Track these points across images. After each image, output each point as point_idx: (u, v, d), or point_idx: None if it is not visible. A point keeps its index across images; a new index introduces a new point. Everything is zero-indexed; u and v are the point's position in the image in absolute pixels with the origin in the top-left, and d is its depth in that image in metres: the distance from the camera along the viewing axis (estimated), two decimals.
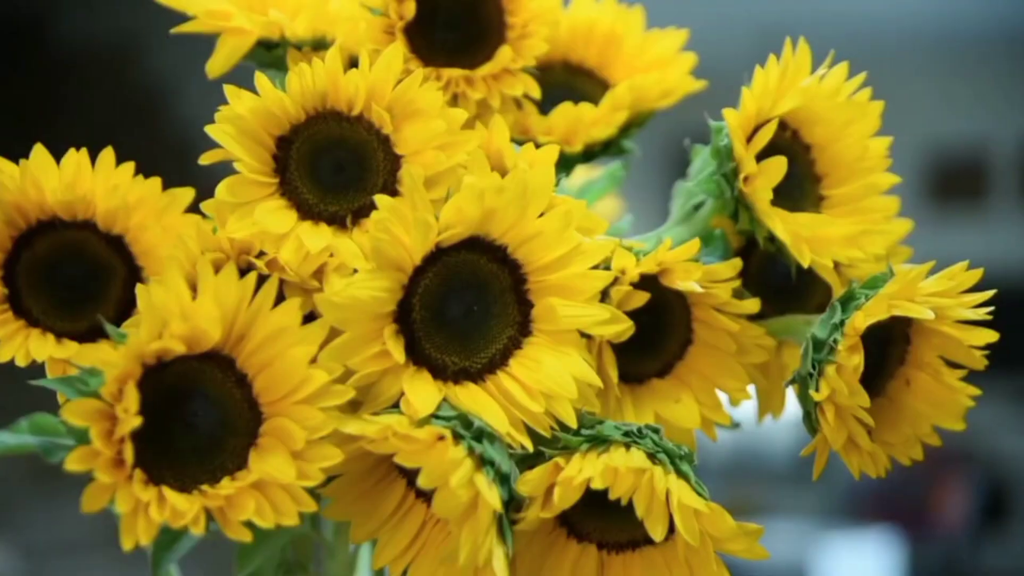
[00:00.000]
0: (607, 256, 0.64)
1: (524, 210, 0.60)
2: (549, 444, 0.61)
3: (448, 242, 0.60)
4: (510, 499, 0.59)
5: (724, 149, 0.68)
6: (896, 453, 0.66)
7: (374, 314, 0.59)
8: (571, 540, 0.63)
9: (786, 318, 0.71)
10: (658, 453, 0.60)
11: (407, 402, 0.59)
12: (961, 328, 0.64)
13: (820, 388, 0.63)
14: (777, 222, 0.66)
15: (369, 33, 0.68)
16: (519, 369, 0.61)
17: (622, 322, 0.62)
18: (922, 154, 7.16)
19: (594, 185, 0.80)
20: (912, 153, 7.05)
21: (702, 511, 0.59)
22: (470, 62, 0.69)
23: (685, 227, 0.71)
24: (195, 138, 0.63)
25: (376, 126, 0.63)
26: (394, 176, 0.63)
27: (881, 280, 0.64)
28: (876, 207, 0.70)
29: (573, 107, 0.73)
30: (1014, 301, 5.73)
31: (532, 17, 0.70)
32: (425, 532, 0.62)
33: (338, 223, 0.63)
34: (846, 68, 0.69)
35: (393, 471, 0.61)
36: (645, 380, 0.69)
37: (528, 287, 0.62)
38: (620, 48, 0.78)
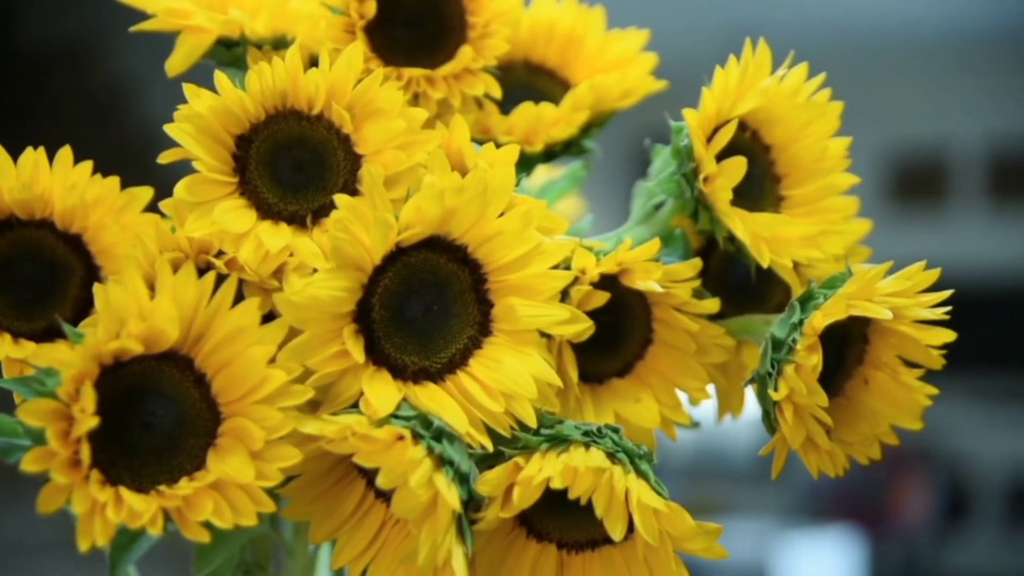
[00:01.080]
0: (567, 256, 0.64)
1: (484, 210, 0.60)
2: (509, 444, 0.61)
3: (408, 242, 0.60)
4: (469, 499, 0.59)
5: (684, 149, 0.68)
6: (854, 452, 0.67)
7: (333, 314, 0.59)
8: (531, 540, 0.63)
9: (745, 318, 0.71)
10: (618, 453, 0.60)
11: (366, 402, 0.59)
12: (919, 328, 0.64)
13: (779, 387, 0.63)
14: (737, 222, 0.66)
15: (329, 32, 0.67)
16: (479, 369, 0.61)
17: (582, 322, 0.62)
18: (883, 155, 7.20)
19: (555, 185, 0.80)
20: (873, 154, 7.09)
21: (661, 510, 0.59)
22: (431, 61, 0.69)
23: (645, 227, 0.71)
24: (158, 137, 0.63)
25: (336, 125, 0.63)
26: (354, 175, 0.63)
27: (840, 280, 0.65)
28: (835, 207, 0.71)
29: (534, 107, 0.73)
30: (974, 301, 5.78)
31: (493, 17, 0.70)
32: (384, 532, 0.61)
33: (298, 222, 0.63)
34: (805, 69, 0.69)
35: (353, 471, 0.61)
36: (605, 380, 0.69)
37: (488, 287, 0.62)
38: (581, 48, 0.78)
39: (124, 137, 4.31)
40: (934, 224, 7.17)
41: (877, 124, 6.91)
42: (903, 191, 7.29)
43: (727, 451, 6.45)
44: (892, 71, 7.19)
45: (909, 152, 7.29)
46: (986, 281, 6.90)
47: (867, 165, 7.01)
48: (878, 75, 7.10)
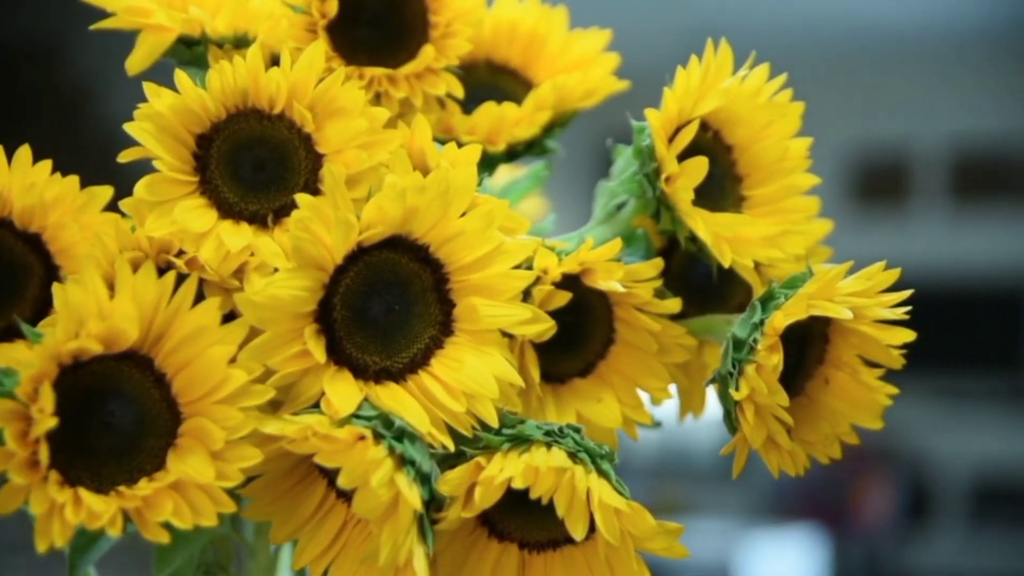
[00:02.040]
0: (529, 256, 0.64)
1: (446, 209, 0.60)
2: (470, 444, 0.61)
3: (369, 241, 0.60)
4: (431, 499, 0.59)
5: (646, 149, 0.68)
6: (815, 452, 0.67)
7: (294, 313, 0.59)
8: (492, 540, 0.63)
9: (707, 318, 0.71)
10: (579, 452, 0.60)
11: (327, 402, 0.59)
12: (879, 328, 0.65)
13: (740, 387, 0.63)
14: (698, 222, 0.66)
15: (291, 31, 0.67)
16: (441, 369, 0.61)
17: (544, 322, 0.62)
18: (845, 155, 7.24)
19: (517, 185, 0.80)
20: (835, 154, 7.12)
21: (623, 510, 0.59)
22: (393, 61, 0.69)
23: (607, 227, 0.71)
24: (123, 136, 0.63)
25: (297, 124, 0.63)
26: (316, 175, 0.63)
27: (800, 280, 0.65)
28: (796, 207, 0.71)
29: (496, 106, 0.73)
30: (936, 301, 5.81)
31: (455, 16, 0.70)
32: (346, 532, 0.61)
33: (259, 222, 0.63)
34: (767, 69, 0.69)
35: (314, 471, 0.61)
36: (567, 379, 0.69)
37: (450, 286, 0.62)
38: (543, 48, 0.78)
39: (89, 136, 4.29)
40: (896, 224, 7.21)
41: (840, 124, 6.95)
42: (865, 191, 7.33)
43: (691, 451, 6.47)
44: (855, 72, 7.23)
45: (871, 152, 7.33)
46: (948, 281, 6.94)
47: (830, 165, 7.05)
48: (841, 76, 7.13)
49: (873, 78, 7.27)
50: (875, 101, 7.32)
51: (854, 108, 7.23)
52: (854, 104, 7.24)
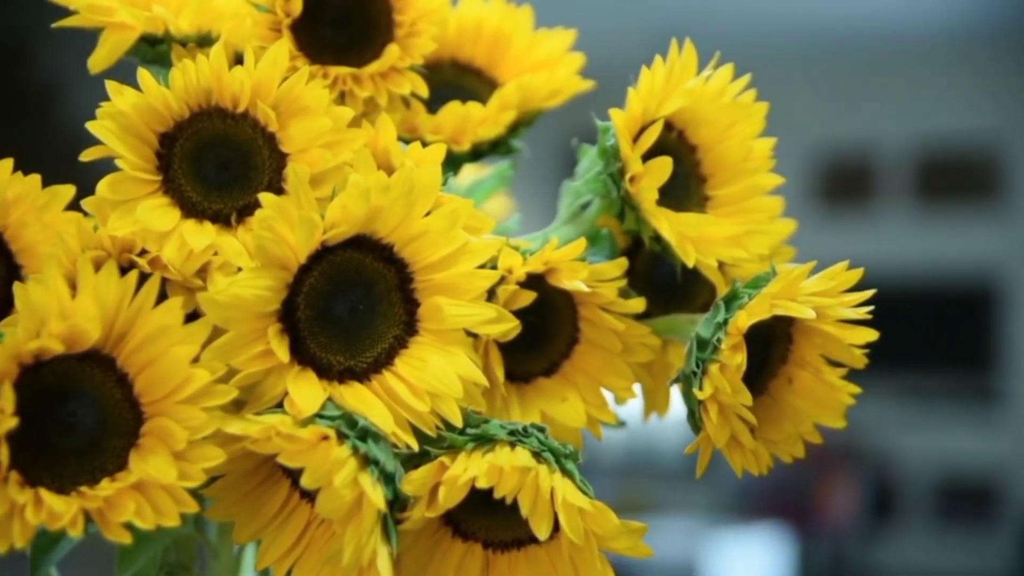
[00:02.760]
0: (494, 255, 0.64)
1: (410, 209, 0.60)
2: (435, 443, 0.61)
3: (333, 241, 0.60)
4: (395, 498, 0.59)
5: (611, 149, 0.68)
6: (778, 451, 0.67)
7: (258, 313, 0.58)
8: (456, 539, 0.63)
9: (671, 317, 0.71)
10: (543, 452, 0.60)
11: (291, 402, 0.58)
12: (842, 327, 0.65)
13: (704, 387, 0.63)
14: (662, 222, 0.67)
15: (255, 30, 0.67)
16: (405, 368, 0.61)
17: (508, 321, 0.62)
18: (811, 156, 7.27)
19: (482, 184, 0.80)
20: (801, 154, 7.15)
21: (586, 509, 0.59)
22: (357, 60, 0.69)
23: (572, 226, 0.71)
24: (87, 135, 0.62)
25: (261, 123, 0.63)
26: (279, 174, 0.63)
27: (764, 280, 0.65)
28: (760, 207, 0.71)
29: (461, 106, 0.73)
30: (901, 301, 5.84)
31: (420, 15, 0.70)
32: (309, 532, 0.61)
33: (222, 221, 0.63)
34: (731, 70, 0.69)
35: (277, 471, 0.61)
36: (531, 379, 0.69)
37: (414, 286, 0.62)
38: (508, 47, 0.78)
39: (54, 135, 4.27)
40: (862, 224, 7.25)
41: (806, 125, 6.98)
42: (831, 192, 7.36)
43: (657, 450, 6.48)
44: (821, 73, 7.26)
45: (837, 153, 7.36)
46: (914, 281, 6.98)
47: (795, 166, 7.08)
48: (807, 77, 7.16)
49: (838, 79, 7.31)
50: (840, 102, 7.36)
51: (820, 109, 7.27)
52: (820, 105, 7.27)
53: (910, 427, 7.04)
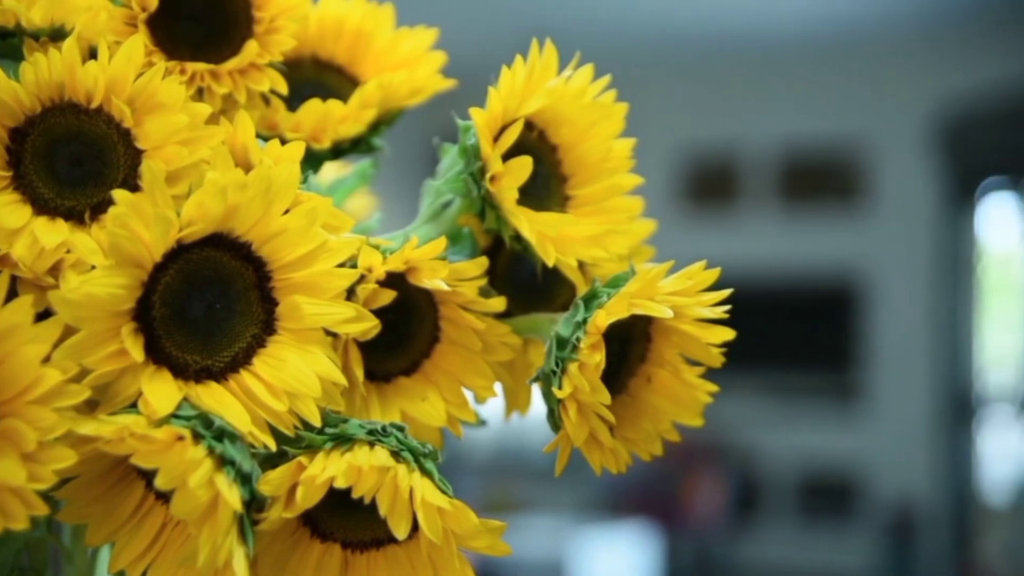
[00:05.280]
0: (353, 254, 0.64)
1: (268, 207, 0.60)
2: (293, 443, 0.60)
3: (190, 239, 0.59)
4: (252, 499, 0.58)
5: (471, 148, 0.68)
6: (637, 449, 0.68)
7: (111, 312, 0.57)
8: (315, 540, 0.63)
9: (532, 316, 0.71)
10: (402, 451, 0.60)
11: (145, 402, 0.57)
12: (699, 326, 0.66)
13: (563, 385, 0.64)
14: (523, 221, 0.67)
15: (110, 24, 0.66)
16: (263, 368, 0.61)
17: (368, 320, 0.62)
18: (676, 156, 7.35)
19: (343, 183, 0.79)
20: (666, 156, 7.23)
21: (445, 508, 0.59)
22: (216, 56, 0.68)
23: (433, 225, 0.71)
24: None
25: (116, 119, 0.62)
26: (135, 171, 0.62)
27: (623, 279, 0.65)
28: (620, 207, 0.71)
29: (321, 104, 0.72)
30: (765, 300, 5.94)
31: (280, 12, 0.69)
32: (165, 534, 0.60)
33: (76, 218, 0.61)
34: (591, 70, 0.70)
35: (132, 473, 0.60)
36: (392, 378, 0.69)
37: (273, 285, 0.61)
38: (370, 45, 0.77)
39: None
40: (726, 225, 7.35)
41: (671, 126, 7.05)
42: (696, 193, 7.45)
43: (526, 450, 6.51)
44: (686, 74, 7.34)
45: (701, 154, 7.46)
46: (778, 281, 7.09)
47: (661, 167, 7.16)
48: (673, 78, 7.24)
49: (703, 80, 7.40)
50: (705, 103, 7.46)
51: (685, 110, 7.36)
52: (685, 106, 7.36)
53: (774, 424, 7.16)
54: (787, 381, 7.19)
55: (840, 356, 7.21)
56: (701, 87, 7.40)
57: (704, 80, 7.37)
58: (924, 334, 6.96)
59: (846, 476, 7.11)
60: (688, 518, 6.58)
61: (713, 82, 7.38)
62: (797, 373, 7.22)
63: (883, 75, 7.04)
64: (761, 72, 7.21)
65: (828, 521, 7.11)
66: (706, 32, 6.79)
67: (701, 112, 7.45)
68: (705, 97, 7.42)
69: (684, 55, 7.09)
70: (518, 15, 5.81)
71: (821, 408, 7.18)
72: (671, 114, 7.06)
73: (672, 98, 7.18)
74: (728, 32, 6.80)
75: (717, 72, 7.29)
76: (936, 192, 6.94)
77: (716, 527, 6.80)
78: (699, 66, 7.24)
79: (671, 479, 6.34)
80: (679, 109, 7.27)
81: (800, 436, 7.15)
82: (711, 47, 7.00)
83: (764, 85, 7.26)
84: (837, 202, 7.23)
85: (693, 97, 7.41)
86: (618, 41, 6.51)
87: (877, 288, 7.12)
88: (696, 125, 7.44)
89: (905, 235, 7.02)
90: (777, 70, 7.18)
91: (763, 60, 7.09)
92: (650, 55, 6.85)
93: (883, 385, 7.07)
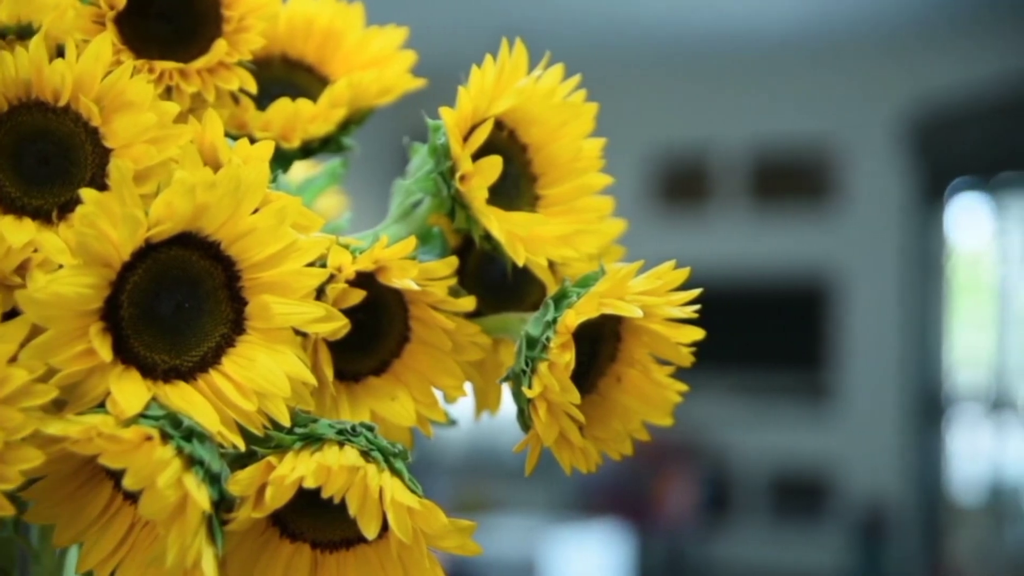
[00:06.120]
0: (323, 253, 0.63)
1: (237, 206, 0.59)
2: (262, 443, 0.60)
3: (158, 238, 0.59)
4: (221, 499, 0.58)
5: (441, 148, 0.68)
6: (607, 448, 0.68)
7: (79, 311, 0.57)
8: (284, 540, 0.63)
9: (502, 316, 0.71)
10: (372, 451, 0.60)
11: (113, 401, 0.57)
12: (669, 325, 0.66)
13: (533, 385, 0.64)
14: (493, 221, 0.67)
15: (78, 22, 0.65)
16: (232, 367, 0.60)
17: (337, 320, 0.62)
18: (648, 157, 7.36)
19: (313, 182, 0.79)
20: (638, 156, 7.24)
21: (415, 508, 0.59)
22: (185, 55, 0.68)
23: (403, 225, 0.71)
24: None
25: (84, 118, 0.62)
26: (103, 170, 0.62)
27: (593, 279, 0.65)
28: (590, 207, 0.72)
29: (291, 103, 0.72)
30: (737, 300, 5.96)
31: (249, 11, 0.69)
32: (133, 534, 0.60)
33: (43, 217, 0.61)
34: (561, 69, 0.70)
35: (100, 473, 0.60)
36: (361, 378, 0.69)
37: (242, 284, 0.61)
38: (339, 44, 0.77)
39: None
40: (698, 225, 7.37)
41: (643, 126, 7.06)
42: (668, 192, 7.47)
43: (498, 449, 6.51)
44: (658, 74, 7.36)
45: (673, 154, 7.47)
46: (749, 281, 7.11)
47: (632, 167, 7.17)
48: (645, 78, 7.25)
49: (675, 80, 7.42)
50: (677, 103, 7.47)
51: (657, 110, 7.37)
52: (657, 106, 7.38)
53: (746, 423, 7.18)
54: (758, 381, 7.21)
55: (811, 355, 7.23)
56: (673, 87, 7.42)
57: (676, 80, 7.39)
58: (894, 333, 6.98)
59: (817, 475, 7.13)
60: (660, 517, 6.59)
61: (685, 82, 7.40)
62: (768, 373, 7.24)
63: (854, 76, 7.07)
64: (732, 72, 7.22)
65: (799, 520, 7.13)
66: (677, 32, 6.80)
67: (673, 112, 7.46)
68: (677, 97, 7.44)
69: (656, 55, 7.10)
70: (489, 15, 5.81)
71: (792, 407, 7.20)
72: (643, 114, 7.07)
73: (644, 98, 7.19)
74: (699, 32, 6.81)
75: (689, 72, 7.30)
76: (906, 192, 6.97)
77: (688, 526, 6.81)
78: (671, 66, 7.26)
79: (643, 479, 6.35)
80: (651, 109, 7.28)
81: (771, 435, 7.18)
82: (683, 47, 7.01)
83: (735, 85, 7.28)
84: (808, 202, 7.25)
85: (665, 97, 7.43)
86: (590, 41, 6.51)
87: (848, 287, 7.15)
88: (668, 125, 7.45)
89: (875, 235, 7.05)
90: (748, 70, 7.20)
91: (734, 60, 7.10)
92: (622, 55, 6.86)
93: (854, 384, 7.10)
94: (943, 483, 6.98)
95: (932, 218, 6.96)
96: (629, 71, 6.95)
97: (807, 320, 7.25)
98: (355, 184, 0.93)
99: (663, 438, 5.49)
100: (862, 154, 7.12)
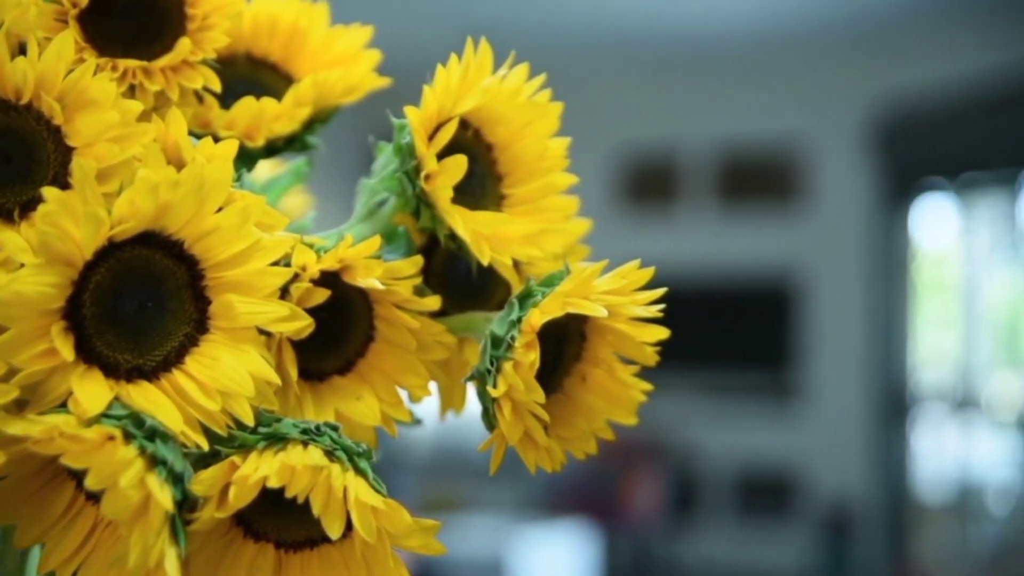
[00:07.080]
0: (287, 252, 0.63)
1: (201, 205, 0.59)
2: (226, 443, 0.60)
3: (121, 237, 0.59)
4: (184, 499, 0.58)
5: (406, 147, 0.68)
6: (572, 448, 0.68)
7: (41, 310, 0.57)
8: (248, 540, 0.62)
9: (467, 315, 0.71)
10: (336, 450, 0.60)
11: (76, 401, 0.57)
12: (634, 325, 0.66)
13: (497, 384, 0.64)
14: (458, 220, 0.67)
15: (40, 20, 0.65)
16: (195, 367, 0.60)
17: (302, 319, 0.62)
18: (615, 157, 7.37)
19: (278, 181, 0.79)
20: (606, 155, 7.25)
21: (379, 508, 0.59)
22: (148, 53, 0.68)
23: (368, 224, 0.71)
24: None
25: (46, 116, 0.61)
26: (65, 168, 0.61)
27: (558, 278, 0.65)
28: (555, 206, 0.72)
29: (255, 101, 0.72)
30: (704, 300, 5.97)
31: (213, 9, 0.69)
32: (96, 535, 0.60)
33: (4, 216, 0.61)
34: (527, 69, 0.70)
35: (62, 473, 0.59)
36: (326, 377, 0.69)
37: (206, 283, 0.61)
38: (304, 43, 0.77)
39: None
40: (665, 225, 7.39)
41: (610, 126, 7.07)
42: (635, 192, 7.48)
43: (465, 448, 6.51)
44: (625, 73, 7.37)
45: (641, 154, 7.49)
46: (716, 280, 7.13)
47: (600, 166, 7.17)
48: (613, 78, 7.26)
49: (642, 80, 7.43)
50: (644, 103, 7.49)
51: (624, 110, 7.38)
52: (624, 106, 7.39)
53: (712, 422, 7.20)
54: (724, 380, 7.24)
55: (777, 355, 7.26)
56: (639, 87, 7.43)
57: (642, 80, 7.40)
58: (860, 333, 7.02)
59: (783, 474, 7.16)
60: (627, 516, 6.60)
61: (651, 82, 7.41)
62: (734, 372, 7.27)
63: (820, 76, 7.10)
64: (699, 72, 7.24)
65: (766, 519, 7.16)
66: (644, 31, 6.81)
67: (639, 112, 7.48)
68: (643, 97, 7.45)
69: (622, 55, 7.12)
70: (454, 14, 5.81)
71: (758, 407, 7.23)
72: (609, 113, 7.08)
73: (611, 98, 7.20)
74: (666, 32, 6.82)
75: (655, 72, 7.31)
76: (872, 192, 7.01)
77: (654, 525, 6.83)
78: (638, 66, 7.27)
79: (610, 478, 6.36)
80: (617, 109, 7.29)
81: (738, 434, 7.20)
82: (650, 47, 7.03)
83: (702, 85, 7.30)
84: (774, 202, 7.28)
85: (631, 96, 7.44)
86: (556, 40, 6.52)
87: (813, 287, 7.18)
88: (634, 124, 7.47)
89: (841, 234, 7.09)
90: (715, 70, 7.22)
91: (701, 60, 7.12)
92: (589, 55, 6.87)
93: (819, 383, 7.13)
94: (908, 482, 7.01)
95: (898, 218, 7.00)
96: (595, 70, 6.96)
97: (773, 319, 7.27)
98: (320, 183, 0.93)
99: (629, 437, 5.50)
100: (828, 154, 7.15)
